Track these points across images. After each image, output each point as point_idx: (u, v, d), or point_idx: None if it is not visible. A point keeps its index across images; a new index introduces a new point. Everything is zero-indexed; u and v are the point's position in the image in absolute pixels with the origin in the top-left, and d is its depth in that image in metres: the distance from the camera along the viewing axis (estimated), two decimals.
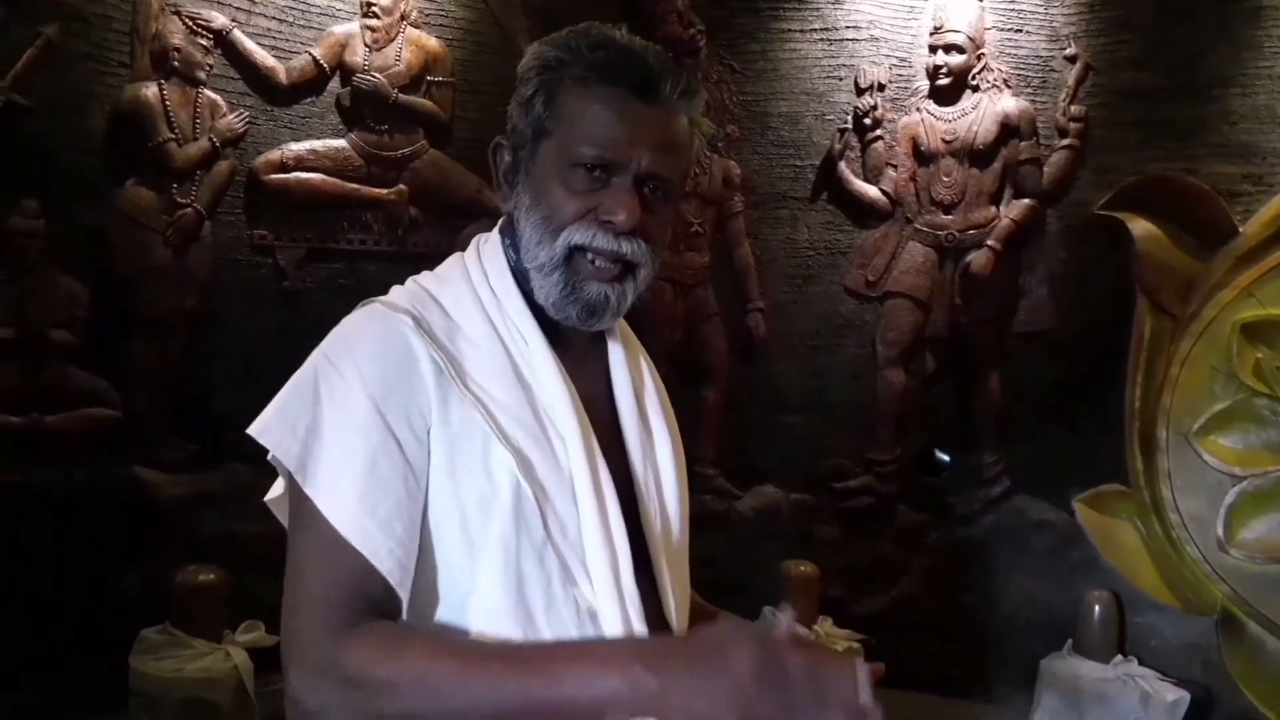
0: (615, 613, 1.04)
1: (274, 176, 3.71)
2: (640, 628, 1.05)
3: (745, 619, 1.23)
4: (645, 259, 1.10)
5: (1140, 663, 3.57)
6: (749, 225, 4.15)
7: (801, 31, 4.10)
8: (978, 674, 3.80)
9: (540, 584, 1.03)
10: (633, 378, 1.20)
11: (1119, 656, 3.59)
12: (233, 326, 3.63)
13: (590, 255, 1.08)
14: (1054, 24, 3.93)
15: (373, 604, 0.98)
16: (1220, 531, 3.51)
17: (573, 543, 1.05)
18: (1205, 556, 3.53)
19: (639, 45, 1.09)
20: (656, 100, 1.06)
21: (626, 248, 1.07)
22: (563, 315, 1.11)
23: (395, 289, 1.13)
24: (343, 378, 1.03)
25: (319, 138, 3.80)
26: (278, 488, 1.08)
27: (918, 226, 4.03)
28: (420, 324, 1.06)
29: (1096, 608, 3.62)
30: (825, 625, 3.68)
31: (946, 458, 4.15)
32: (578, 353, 1.15)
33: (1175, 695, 3.44)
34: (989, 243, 3.93)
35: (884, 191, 4.06)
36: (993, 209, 3.97)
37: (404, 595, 1.00)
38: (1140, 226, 3.64)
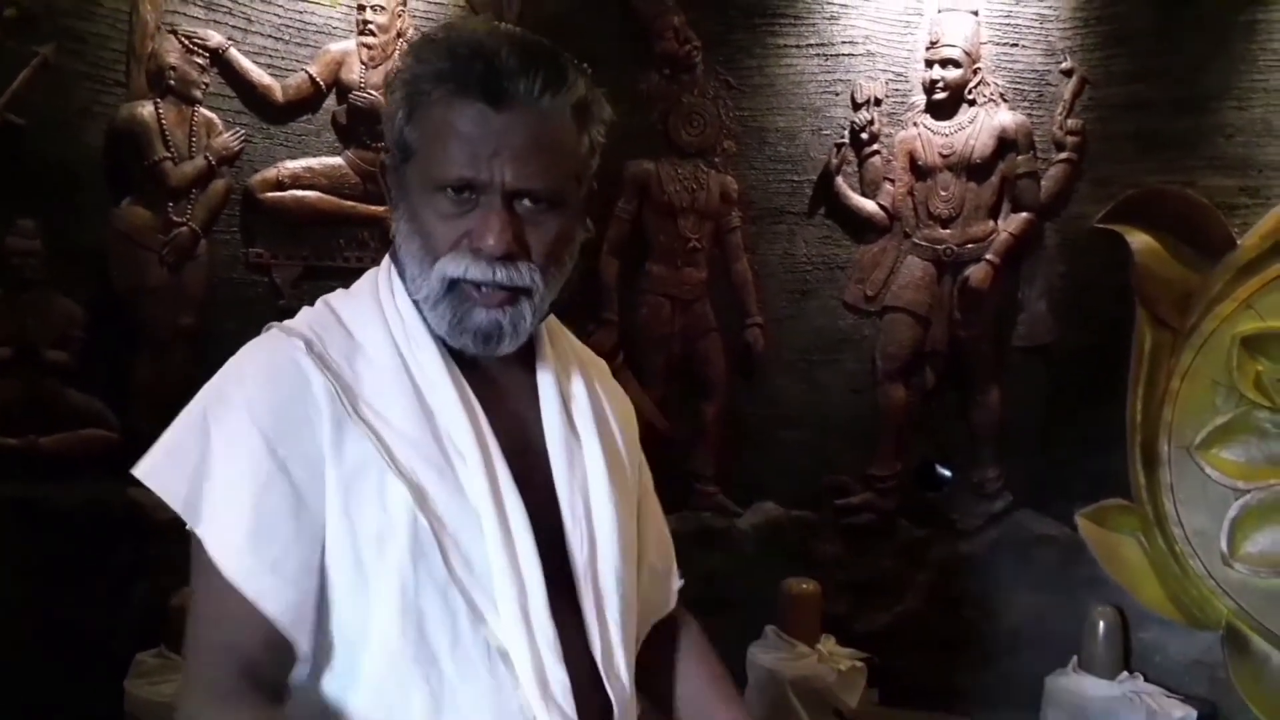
0: (525, 652, 0.98)
1: (270, 194, 3.70)
2: (555, 665, 0.99)
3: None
4: (532, 281, 1.02)
5: (1145, 679, 3.55)
6: (746, 240, 4.14)
7: (798, 47, 4.11)
8: (981, 691, 3.77)
9: (445, 623, 0.97)
10: (563, 395, 1.11)
11: (1124, 673, 3.57)
12: (229, 345, 3.49)
13: (470, 284, 1.01)
14: (1050, 38, 3.94)
15: (252, 664, 0.94)
16: (1224, 545, 3.49)
17: (480, 577, 0.98)
18: (1209, 571, 3.51)
19: (493, 43, 0.98)
20: (513, 104, 0.97)
21: (503, 274, 1.00)
22: (459, 345, 1.05)
23: (303, 310, 1.09)
24: (231, 411, 0.99)
25: (315, 155, 3.79)
26: None
27: (916, 241, 4.03)
28: (313, 349, 1.01)
29: (1101, 624, 3.60)
30: (828, 644, 3.65)
31: (948, 473, 4.13)
32: (502, 377, 1.09)
33: (1182, 712, 3.41)
34: (987, 256, 3.93)
35: (881, 206, 4.05)
36: (991, 223, 3.96)
37: (299, 637, 0.95)
38: (1139, 239, 3.64)
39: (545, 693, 0.98)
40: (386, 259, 1.11)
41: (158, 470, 0.99)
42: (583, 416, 1.12)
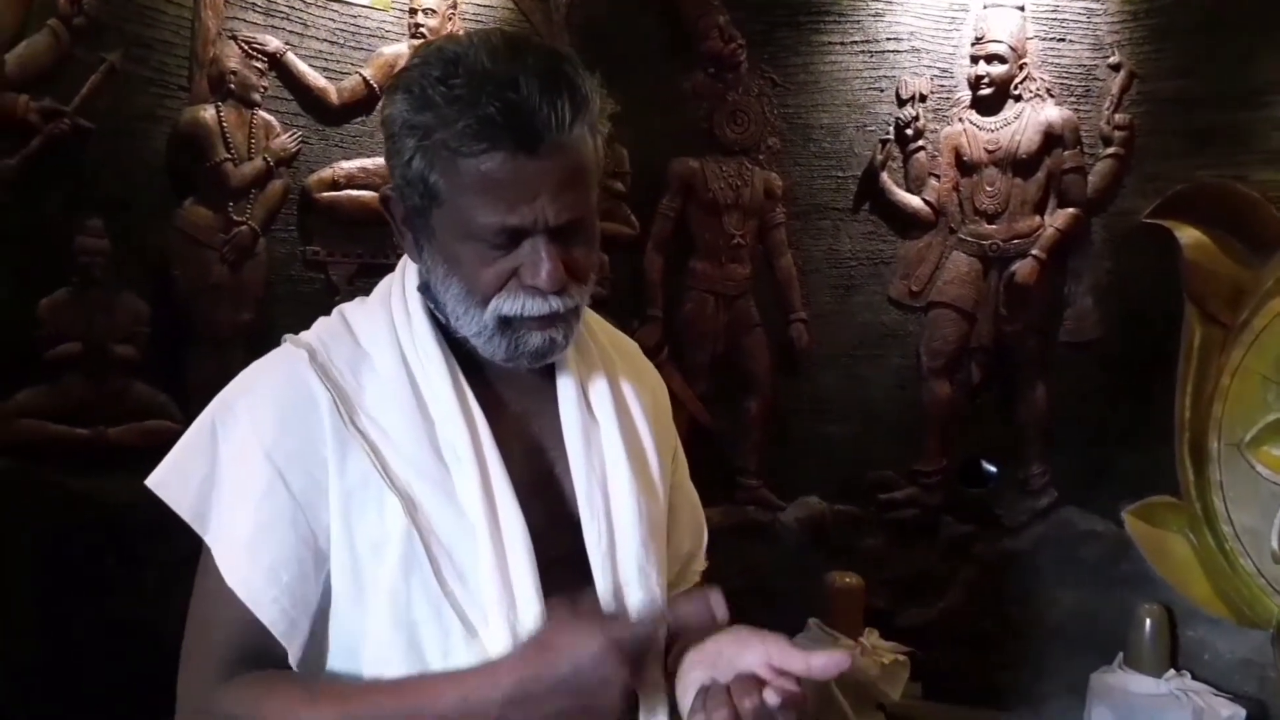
0: None
1: (326, 194, 3.80)
2: None
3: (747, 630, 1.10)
4: (579, 300, 1.03)
5: (1193, 677, 3.51)
6: (791, 236, 4.17)
7: (842, 44, 4.12)
8: (1025, 687, 3.76)
9: (437, 636, 0.97)
10: (582, 386, 1.11)
11: (1171, 671, 3.53)
12: None
13: (528, 318, 1.01)
14: (1097, 33, 3.91)
15: (255, 656, 0.97)
16: (1275, 544, 3.44)
17: (473, 591, 0.98)
18: (1259, 569, 3.47)
19: (506, 73, 0.92)
20: (545, 144, 0.93)
21: (557, 304, 1.00)
22: (514, 366, 1.06)
23: (319, 319, 1.11)
24: (238, 423, 1.02)
25: (369, 156, 3.87)
26: None
27: (961, 236, 4.03)
28: (316, 358, 1.02)
29: (1147, 621, 3.57)
30: (871, 637, 3.67)
31: (993, 468, 4.12)
32: (518, 377, 1.09)
33: (1230, 711, 3.37)
34: (1034, 252, 3.91)
35: (926, 201, 4.05)
36: (1037, 218, 3.95)
37: (292, 645, 0.97)
38: (1188, 234, 3.60)
39: None
40: (400, 268, 1.13)
41: (168, 483, 1.04)
42: (602, 404, 1.11)
